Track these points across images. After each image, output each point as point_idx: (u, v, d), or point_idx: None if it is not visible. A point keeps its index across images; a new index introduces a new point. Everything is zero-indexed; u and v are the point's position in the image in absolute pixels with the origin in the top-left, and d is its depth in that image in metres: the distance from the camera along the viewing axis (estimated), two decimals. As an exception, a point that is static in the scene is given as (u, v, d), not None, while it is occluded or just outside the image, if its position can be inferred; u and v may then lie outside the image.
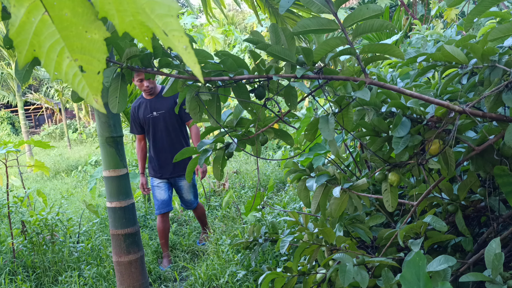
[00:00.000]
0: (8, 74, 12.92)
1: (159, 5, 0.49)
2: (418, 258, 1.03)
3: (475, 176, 1.56)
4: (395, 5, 7.68)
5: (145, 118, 3.71)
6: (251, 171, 7.40)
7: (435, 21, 4.50)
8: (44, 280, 3.62)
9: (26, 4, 0.50)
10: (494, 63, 1.31)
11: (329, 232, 1.75)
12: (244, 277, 3.14)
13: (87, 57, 0.53)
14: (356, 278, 1.44)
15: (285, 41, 1.24)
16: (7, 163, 4.10)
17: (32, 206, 5.12)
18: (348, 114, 1.37)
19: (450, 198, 1.60)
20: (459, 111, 1.23)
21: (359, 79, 1.25)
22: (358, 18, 1.18)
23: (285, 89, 1.32)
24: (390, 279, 1.43)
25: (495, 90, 1.24)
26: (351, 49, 1.22)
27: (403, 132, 1.31)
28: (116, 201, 2.31)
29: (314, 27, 1.18)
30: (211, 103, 1.34)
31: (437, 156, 1.36)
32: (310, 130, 1.46)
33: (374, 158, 1.52)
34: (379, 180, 1.49)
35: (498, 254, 1.20)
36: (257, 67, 1.27)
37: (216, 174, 1.56)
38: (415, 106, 1.34)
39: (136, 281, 2.33)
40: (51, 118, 27.32)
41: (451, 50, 1.32)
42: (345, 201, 1.63)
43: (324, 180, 1.65)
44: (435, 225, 1.45)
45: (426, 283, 0.97)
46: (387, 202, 1.47)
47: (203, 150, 1.52)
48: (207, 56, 1.23)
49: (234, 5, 22.80)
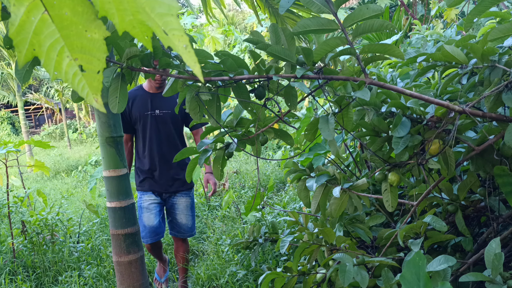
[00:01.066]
0: (8, 74, 12.92)
1: (159, 4, 0.49)
2: (418, 258, 1.03)
3: (475, 176, 1.55)
4: (395, 5, 7.68)
5: (141, 114, 2.95)
6: (251, 171, 7.40)
7: (435, 21, 4.50)
8: (44, 280, 3.62)
9: (26, 3, 0.50)
10: (494, 63, 1.31)
11: (329, 232, 1.75)
12: (244, 277, 3.13)
13: (87, 57, 0.53)
14: (356, 278, 1.44)
15: (285, 41, 1.24)
16: (7, 163, 4.10)
17: (32, 206, 5.12)
18: (348, 114, 1.37)
19: (450, 198, 1.60)
20: (459, 111, 1.23)
21: (359, 79, 1.25)
22: (358, 18, 1.18)
23: (285, 89, 1.32)
24: (390, 279, 1.43)
25: (495, 90, 1.24)
26: (351, 49, 1.22)
27: (403, 132, 1.31)
28: (116, 201, 2.31)
29: (314, 27, 1.18)
30: (211, 103, 1.34)
31: (437, 156, 1.36)
32: (310, 130, 1.46)
33: (374, 158, 1.52)
34: (379, 180, 1.49)
35: (498, 254, 1.20)
36: (257, 67, 1.27)
37: (216, 174, 1.56)
38: (415, 106, 1.34)
39: (136, 281, 2.33)
40: (51, 118, 27.32)
41: (451, 50, 1.32)
42: (345, 201, 1.63)
43: (324, 180, 1.65)
44: (435, 225, 1.45)
45: (426, 283, 0.97)
46: (387, 202, 1.47)
47: (203, 150, 1.52)
48: (207, 56, 1.23)
49: (234, 5, 22.80)
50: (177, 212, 3.06)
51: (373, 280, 1.62)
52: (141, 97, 2.98)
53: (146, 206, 2.99)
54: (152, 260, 3.86)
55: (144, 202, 3.00)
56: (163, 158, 2.99)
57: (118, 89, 1.21)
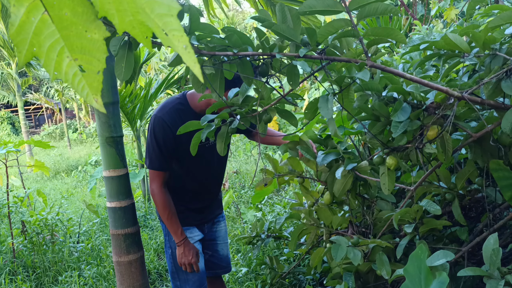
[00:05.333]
0: (8, 74, 12.91)
1: (159, 4, 0.49)
2: (420, 252, 1.06)
3: (473, 165, 1.58)
4: (395, 5, 7.69)
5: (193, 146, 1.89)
6: (251, 171, 7.40)
7: (435, 21, 4.50)
8: (44, 280, 3.62)
9: (26, 4, 0.50)
10: (495, 51, 1.31)
11: (325, 214, 1.76)
12: (244, 276, 3.14)
13: (87, 57, 0.53)
14: (349, 255, 1.48)
15: (291, 21, 1.25)
16: (7, 163, 4.10)
17: (32, 206, 5.12)
18: (349, 96, 1.38)
19: (448, 186, 1.62)
20: (458, 97, 1.24)
21: (361, 60, 1.26)
22: (363, 1, 1.19)
23: (287, 68, 1.33)
24: (384, 262, 1.49)
25: (494, 77, 1.24)
26: (354, 31, 1.23)
27: (403, 117, 1.33)
28: (116, 201, 2.31)
29: (320, 7, 1.19)
30: (214, 77, 1.35)
31: (434, 141, 1.37)
32: (310, 109, 1.47)
33: (373, 141, 1.54)
34: (377, 163, 1.51)
35: (496, 249, 1.21)
36: (261, 44, 1.28)
37: (219, 148, 1.56)
38: (415, 91, 1.35)
39: (136, 281, 2.33)
40: (51, 118, 27.33)
41: (453, 38, 1.33)
42: (349, 182, 1.64)
43: (331, 158, 1.68)
44: (430, 208, 1.48)
45: (426, 275, 1.03)
46: (384, 185, 1.48)
47: (206, 124, 1.51)
48: (213, 31, 1.24)
49: (234, 5, 22.80)
50: (218, 242, 2.31)
51: (368, 263, 1.64)
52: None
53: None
54: (152, 260, 3.87)
55: (190, 240, 2.13)
56: (210, 185, 2.22)
57: (124, 57, 1.22)
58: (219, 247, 2.30)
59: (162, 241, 4.31)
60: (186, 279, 2.10)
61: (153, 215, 5.29)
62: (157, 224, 4.97)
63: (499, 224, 1.54)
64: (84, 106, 20.96)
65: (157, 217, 5.23)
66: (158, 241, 4.30)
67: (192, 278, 2.10)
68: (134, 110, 5.28)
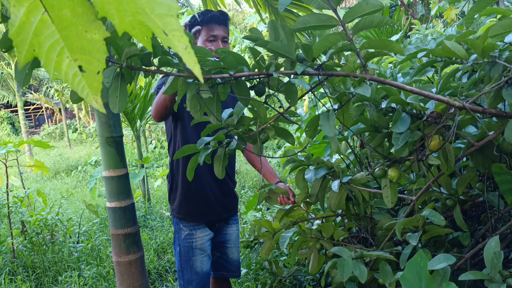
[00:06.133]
0: (8, 74, 12.91)
1: (159, 5, 0.49)
2: (420, 258, 1.00)
3: (474, 171, 1.56)
4: (395, 5, 7.68)
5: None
6: (251, 171, 7.40)
7: (435, 21, 4.50)
8: (44, 280, 3.62)
9: (25, 4, 0.50)
10: (494, 59, 1.31)
11: (327, 227, 1.76)
12: (244, 276, 3.14)
13: (87, 57, 0.53)
14: (355, 272, 1.45)
15: (285, 38, 1.24)
16: (7, 163, 4.10)
17: (32, 206, 5.11)
18: (348, 111, 1.37)
19: (449, 192, 1.60)
20: (459, 107, 1.24)
21: (359, 75, 1.25)
22: (358, 13, 1.18)
23: (285, 86, 1.32)
24: (388, 273, 1.45)
25: (495, 86, 1.24)
26: (350, 45, 1.22)
27: (403, 128, 1.31)
28: (116, 201, 2.31)
29: (314, 23, 1.18)
30: (211, 100, 1.34)
31: (437, 152, 1.36)
32: (310, 127, 1.46)
33: (373, 154, 1.53)
34: (379, 176, 1.49)
35: (497, 253, 1.21)
36: (257, 64, 1.27)
37: (217, 171, 1.56)
38: (415, 102, 1.34)
39: (136, 281, 2.33)
40: (51, 118, 27.32)
41: (451, 45, 1.32)
42: (344, 195, 1.63)
43: (323, 173, 1.66)
44: (433, 218, 1.45)
45: (428, 284, 0.96)
46: (386, 198, 1.47)
47: (203, 147, 1.51)
48: (206, 54, 1.23)
49: (234, 5, 22.79)
50: (228, 245, 2.28)
51: (371, 273, 1.63)
52: None
53: (200, 247, 2.12)
54: (152, 260, 3.87)
55: (196, 238, 2.12)
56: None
57: (118, 89, 1.21)
58: (228, 250, 2.28)
59: (162, 241, 4.31)
60: (190, 280, 2.11)
61: (153, 215, 5.29)
62: (157, 224, 4.97)
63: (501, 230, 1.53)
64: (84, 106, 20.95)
65: (157, 217, 5.23)
66: (158, 241, 4.30)
67: (196, 279, 2.11)
68: (134, 110, 5.29)
